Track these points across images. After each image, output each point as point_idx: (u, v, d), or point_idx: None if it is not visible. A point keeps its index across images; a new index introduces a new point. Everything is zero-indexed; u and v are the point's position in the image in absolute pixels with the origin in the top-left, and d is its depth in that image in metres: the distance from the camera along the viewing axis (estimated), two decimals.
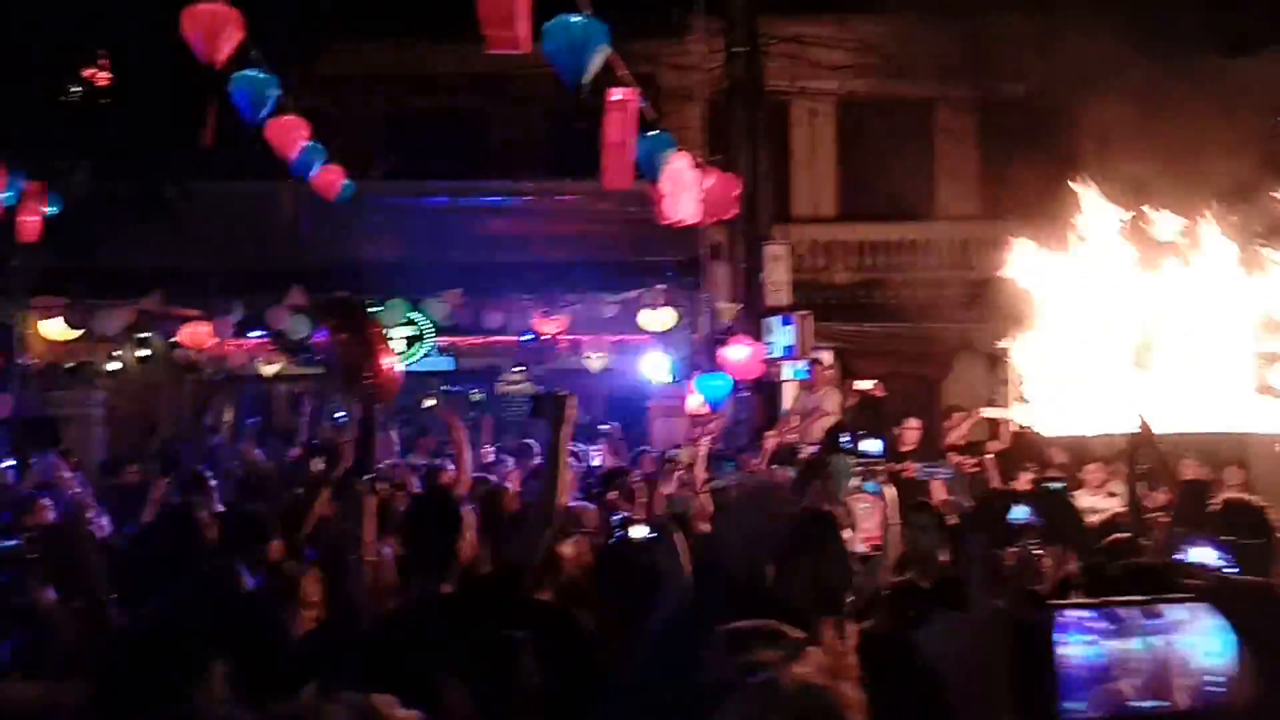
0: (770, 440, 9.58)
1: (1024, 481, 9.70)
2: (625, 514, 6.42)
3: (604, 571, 4.34)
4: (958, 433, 11.77)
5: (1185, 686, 2.33)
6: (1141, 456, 5.99)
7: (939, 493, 9.55)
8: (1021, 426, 11.18)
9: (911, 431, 11.00)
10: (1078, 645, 2.38)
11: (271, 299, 14.40)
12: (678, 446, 11.24)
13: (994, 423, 12.05)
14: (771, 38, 15.63)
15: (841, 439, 7.22)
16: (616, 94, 7.87)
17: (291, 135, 9.98)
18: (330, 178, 11.37)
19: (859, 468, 7.96)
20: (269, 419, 16.26)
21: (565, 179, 15.27)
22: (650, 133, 8.74)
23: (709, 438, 8.43)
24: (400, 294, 14.55)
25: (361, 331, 6.15)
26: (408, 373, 16.03)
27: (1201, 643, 2.34)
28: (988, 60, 16.03)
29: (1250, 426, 9.01)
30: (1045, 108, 16.82)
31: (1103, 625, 2.39)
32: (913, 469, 10.75)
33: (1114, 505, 8.79)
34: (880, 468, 9.24)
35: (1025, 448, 11.14)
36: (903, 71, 16.57)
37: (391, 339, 12.45)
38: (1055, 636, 2.38)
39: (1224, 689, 2.30)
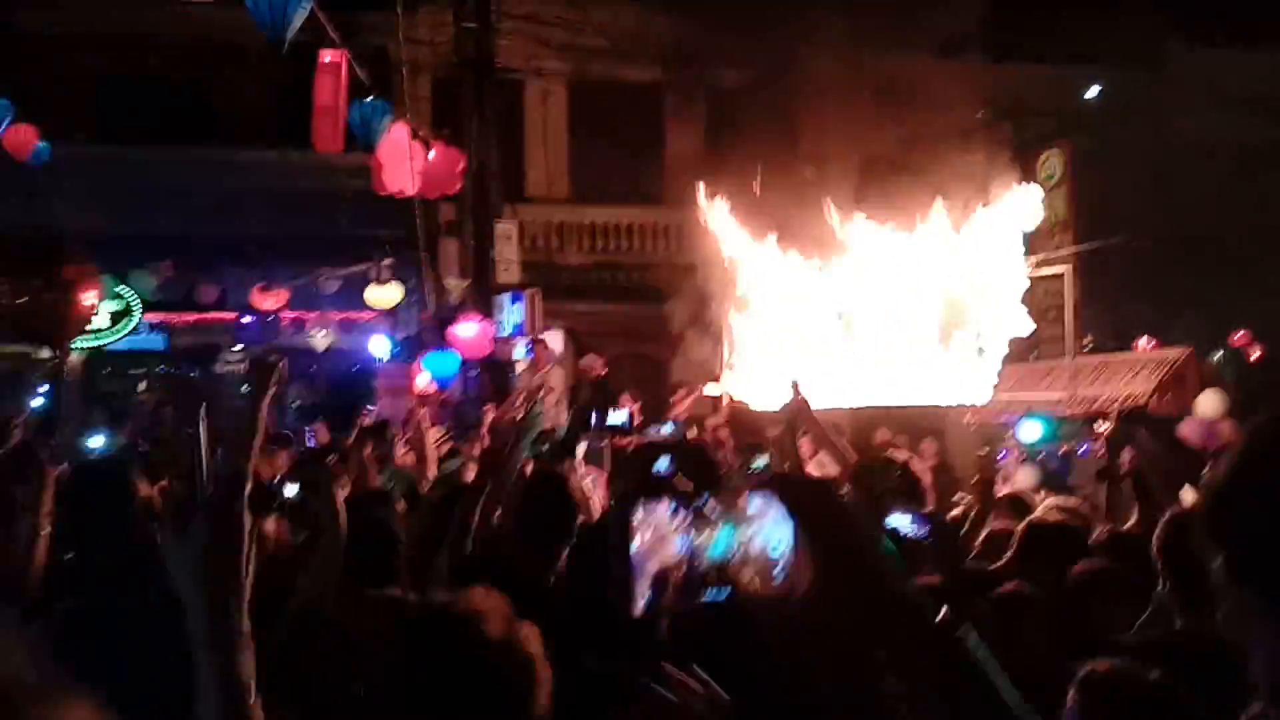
0: (489, 414, 9.56)
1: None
2: None
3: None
4: (680, 407, 12.12)
5: (752, 575, 2.28)
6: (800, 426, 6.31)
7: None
8: (735, 400, 11.65)
9: (630, 406, 11.23)
10: (650, 537, 2.34)
11: None
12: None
13: (715, 398, 12.48)
14: (505, 15, 15.57)
15: (592, 417, 7.31)
16: (327, 56, 7.64)
17: None
18: (22, 137, 10.57)
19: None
20: None
21: (287, 148, 14.73)
22: (366, 99, 8.54)
23: (426, 410, 8.32)
24: (106, 266, 13.65)
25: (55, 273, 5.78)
26: (118, 353, 15.24)
27: (769, 532, 2.26)
28: (714, 48, 16.57)
29: (943, 400, 9.69)
30: (768, 97, 17.55)
31: (677, 518, 2.35)
32: (633, 441, 11.02)
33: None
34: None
35: (741, 421, 11.60)
36: (634, 56, 16.89)
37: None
38: (628, 528, 2.34)
39: (785, 575, 2.36)
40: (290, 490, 4.48)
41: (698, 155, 18.05)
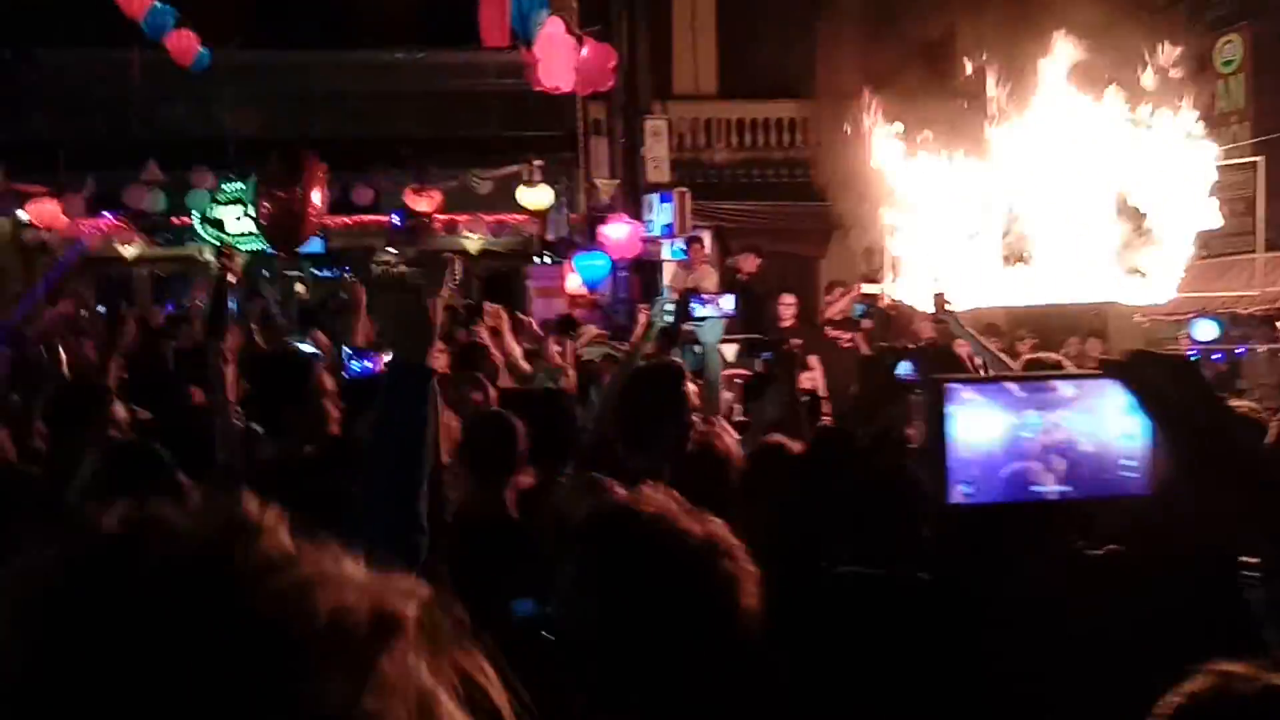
0: (643, 314, 9.50)
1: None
2: None
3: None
4: (836, 307, 11.87)
5: (1088, 470, 2.14)
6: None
7: (814, 367, 9.65)
8: (895, 301, 11.35)
9: (787, 307, 11.04)
10: (971, 425, 2.13)
11: (127, 174, 13.68)
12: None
13: (870, 297, 12.18)
14: None
15: (691, 304, 7.09)
16: None
17: None
18: (184, 43, 10.76)
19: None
20: (131, 304, 15.61)
21: (438, 48, 14.73)
22: None
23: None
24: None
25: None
26: (272, 255, 15.63)
27: (1111, 424, 2.11)
28: None
29: (1110, 297, 9.25)
30: None
31: (1000, 403, 2.15)
32: (791, 344, 10.83)
33: None
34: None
35: (897, 323, 11.31)
36: None
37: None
38: (945, 411, 2.13)
39: (1137, 475, 2.11)
40: None
41: (852, 46, 17.43)
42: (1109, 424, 2.12)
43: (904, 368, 5.49)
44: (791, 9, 17.30)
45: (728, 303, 5.40)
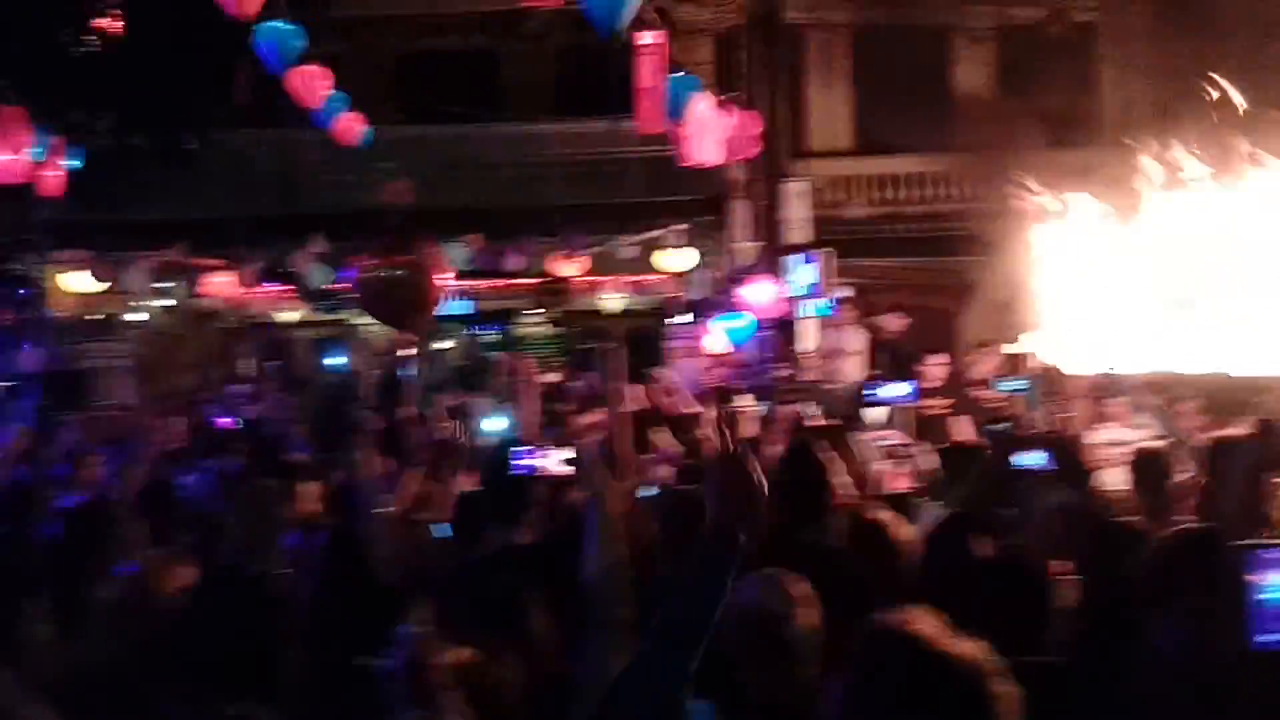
0: (782, 372, 9.69)
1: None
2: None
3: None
4: (981, 367, 11.82)
5: None
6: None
7: (964, 430, 9.65)
8: (1043, 363, 11.24)
9: (937, 368, 11.05)
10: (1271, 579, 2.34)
11: (293, 247, 14.46)
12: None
13: (1015, 357, 12.09)
14: None
15: (865, 393, 7.20)
16: (645, 37, 7.84)
17: (314, 84, 9.95)
18: (350, 124, 11.36)
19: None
20: (289, 366, 16.39)
21: (580, 118, 15.22)
22: (676, 74, 8.71)
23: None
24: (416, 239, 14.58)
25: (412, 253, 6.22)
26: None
27: None
28: None
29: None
30: (1063, 34, 16.66)
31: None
32: (938, 406, 10.86)
33: (1140, 436, 8.84)
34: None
35: (1052, 382, 11.19)
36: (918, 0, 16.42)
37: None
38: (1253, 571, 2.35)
39: None
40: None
41: (987, 99, 17.41)
42: None
43: (1033, 458, 5.28)
44: (926, 61, 17.37)
45: (900, 390, 5.47)
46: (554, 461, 4.67)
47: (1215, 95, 9.99)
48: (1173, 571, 3.40)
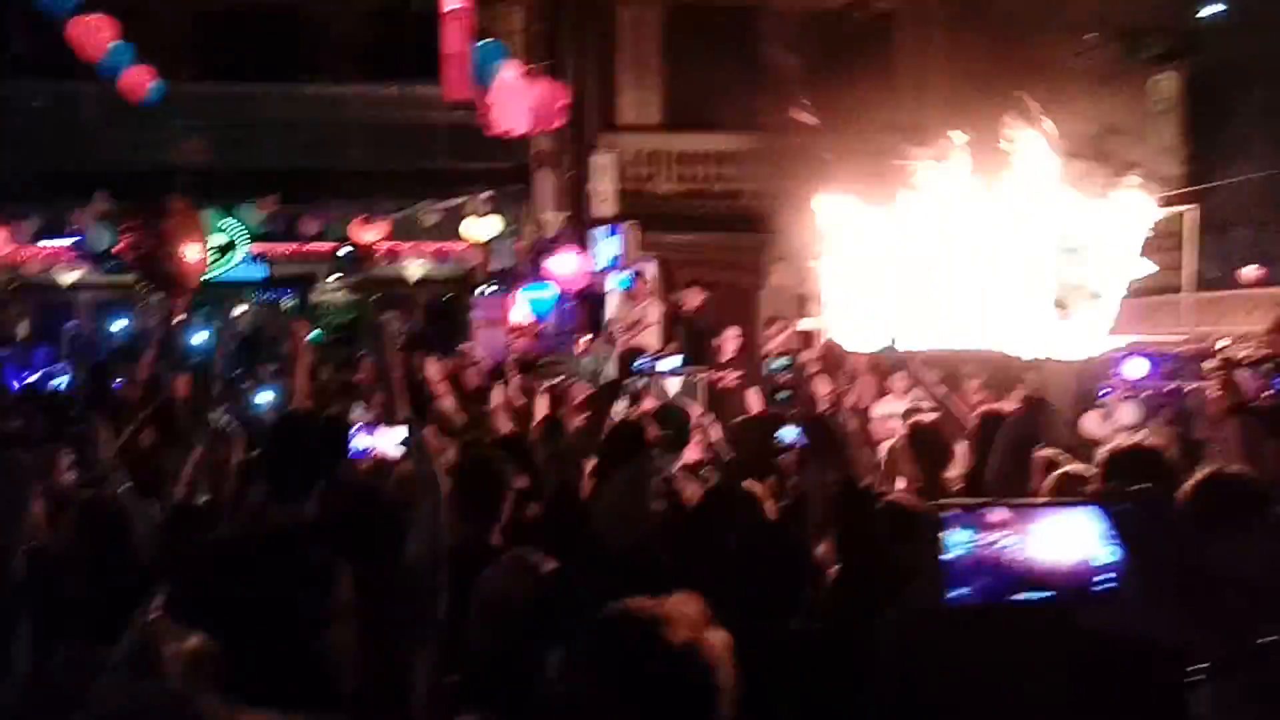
0: (581, 344, 9.74)
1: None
2: None
3: None
4: (774, 342, 12.13)
5: (1068, 583, 2.52)
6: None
7: (755, 403, 9.88)
8: (830, 340, 11.59)
9: (732, 341, 11.27)
10: (962, 539, 2.53)
11: (74, 205, 13.66)
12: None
13: (807, 333, 12.45)
14: None
15: (636, 362, 7.32)
16: (451, 3, 7.66)
17: (97, 35, 9.39)
18: (138, 78, 10.79)
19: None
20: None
21: (387, 82, 14.84)
22: (483, 41, 8.56)
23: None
24: (212, 200, 13.97)
25: (158, 221, 5.94)
26: (219, 282, 15.64)
27: (1088, 544, 2.50)
28: None
29: (1045, 351, 9.52)
30: (866, 21, 17.15)
31: (989, 522, 2.56)
32: (731, 377, 11.08)
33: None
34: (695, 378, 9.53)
35: (834, 358, 11.55)
36: None
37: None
38: (942, 530, 2.53)
39: (1105, 588, 2.49)
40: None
41: (794, 80, 17.77)
42: (1085, 543, 2.49)
43: (788, 433, 5.51)
44: (735, 40, 17.62)
45: (671, 362, 5.54)
46: (389, 443, 4.54)
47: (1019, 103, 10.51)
48: (894, 541, 3.55)
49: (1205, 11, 16.54)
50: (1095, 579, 2.49)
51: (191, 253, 7.22)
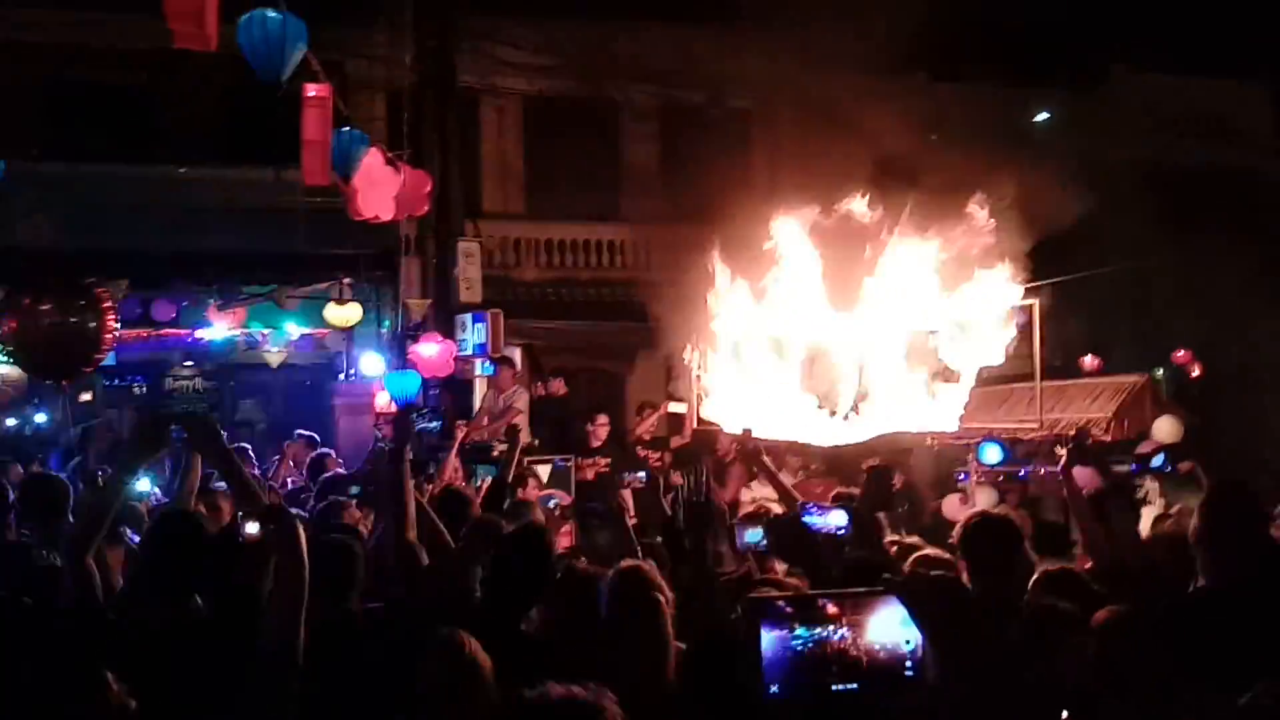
0: (460, 432, 9.69)
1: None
2: None
3: None
4: (645, 426, 12.24)
5: (877, 670, 2.62)
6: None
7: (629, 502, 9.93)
8: (701, 421, 11.78)
9: (602, 428, 11.35)
10: (776, 634, 2.63)
11: None
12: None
13: (677, 416, 12.60)
14: (464, 32, 15.58)
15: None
16: (312, 90, 7.62)
17: None
18: None
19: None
20: None
21: (243, 164, 14.60)
22: (344, 129, 8.53)
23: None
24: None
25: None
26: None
27: (893, 631, 2.62)
28: (670, 68, 16.71)
29: (911, 427, 9.90)
30: (721, 117, 17.70)
31: (801, 615, 2.65)
32: (600, 465, 11.12)
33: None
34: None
35: (704, 441, 11.73)
36: (590, 74, 16.99)
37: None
38: (758, 626, 2.63)
39: (911, 671, 2.62)
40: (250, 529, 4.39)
41: (653, 173, 18.21)
42: (893, 631, 2.64)
43: (752, 535, 5.54)
44: (595, 133, 17.98)
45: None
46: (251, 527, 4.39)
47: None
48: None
49: (1038, 117, 17.68)
50: (905, 665, 2.63)
51: (113, 323, 6.98)
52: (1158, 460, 6.45)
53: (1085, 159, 16.30)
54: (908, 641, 2.64)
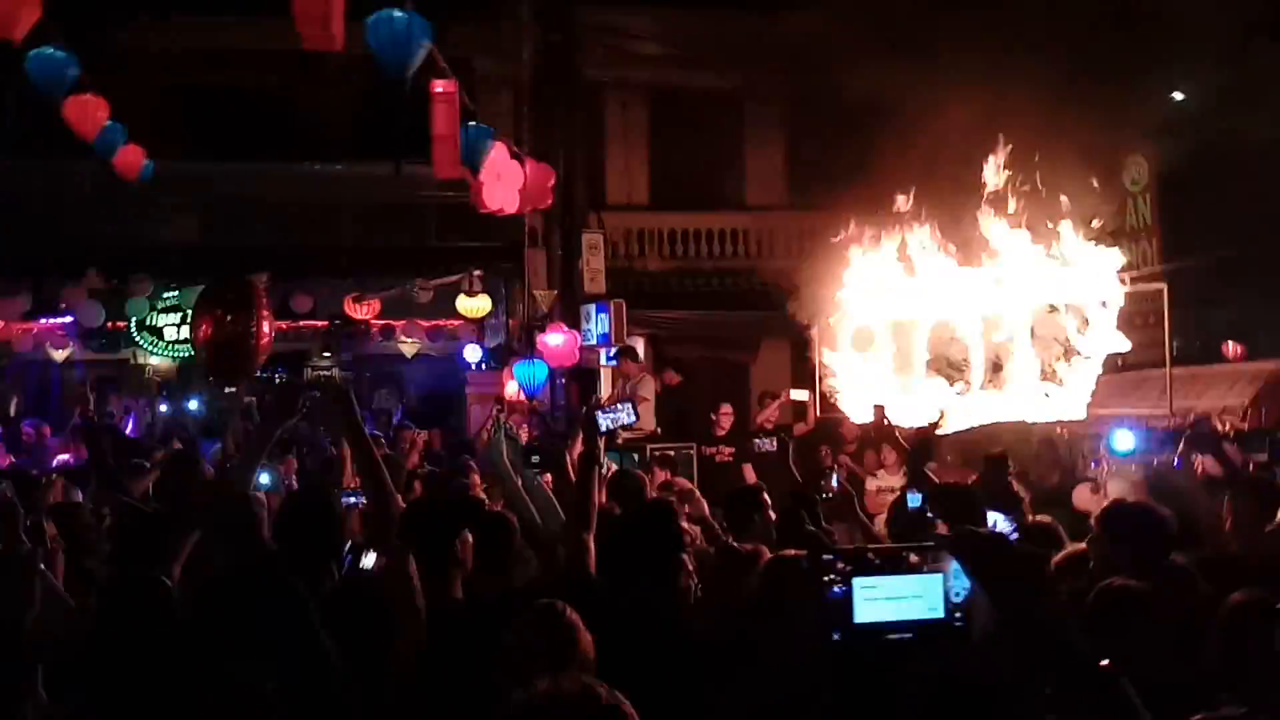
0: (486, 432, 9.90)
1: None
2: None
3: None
4: (766, 414, 12.26)
5: (929, 620, 2.84)
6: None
7: (749, 476, 10.00)
8: (826, 408, 11.78)
9: (725, 417, 11.43)
10: (838, 583, 2.87)
11: (65, 282, 13.75)
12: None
13: (800, 404, 12.60)
14: (586, 26, 15.79)
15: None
16: (439, 86, 7.86)
17: (91, 115, 9.55)
18: (131, 158, 10.92)
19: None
20: (60, 405, 15.51)
21: (376, 160, 15.06)
22: (470, 123, 8.77)
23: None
24: (204, 277, 14.06)
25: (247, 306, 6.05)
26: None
27: (946, 582, 2.84)
28: (795, 56, 16.62)
29: (1039, 415, 9.72)
30: (851, 105, 17.53)
31: (863, 566, 2.89)
32: (724, 453, 11.23)
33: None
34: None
35: (826, 430, 11.72)
36: (713, 64, 17.01)
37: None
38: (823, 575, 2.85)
39: (960, 622, 2.83)
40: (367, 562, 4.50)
41: (776, 162, 18.16)
42: (949, 584, 2.83)
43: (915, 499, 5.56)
44: (720, 123, 17.99)
45: (627, 414, 5.59)
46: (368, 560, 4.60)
47: None
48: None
49: (1174, 97, 17.05)
50: (955, 616, 2.82)
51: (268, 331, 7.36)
52: None
53: (1226, 137, 15.73)
54: (958, 594, 2.83)
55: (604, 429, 5.38)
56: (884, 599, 2.82)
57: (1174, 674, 2.86)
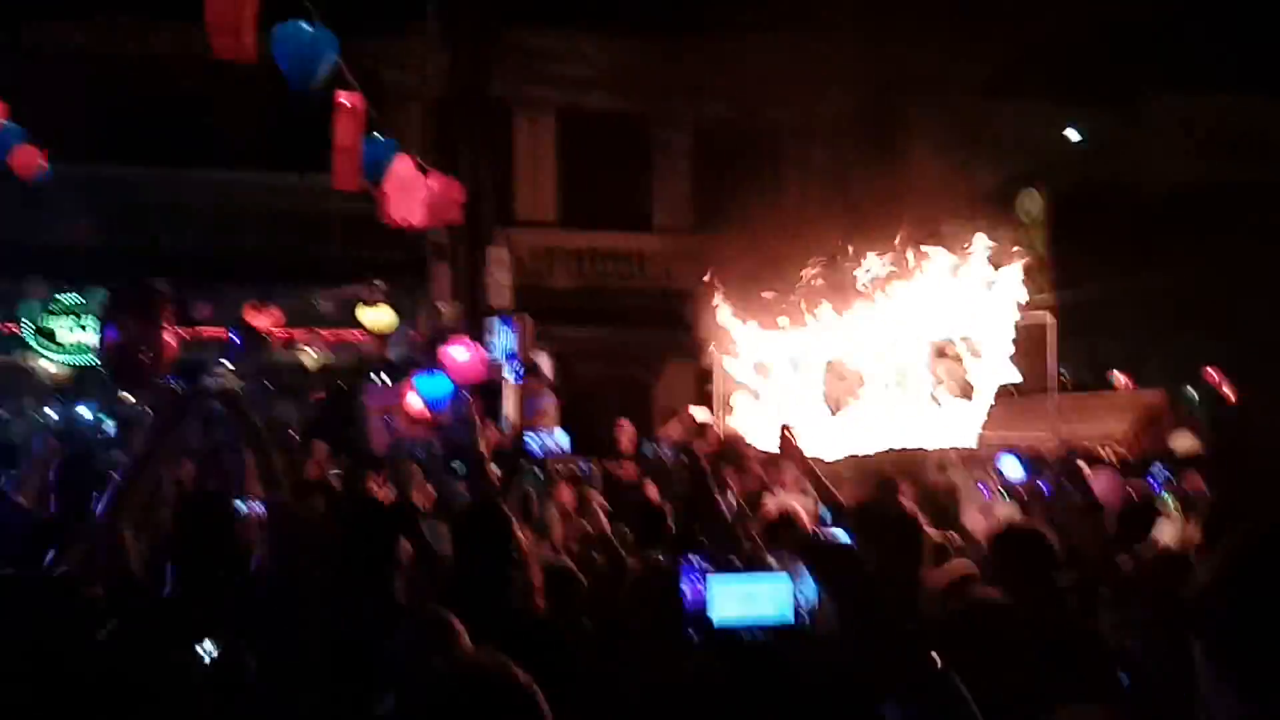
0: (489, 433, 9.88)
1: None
2: None
3: None
4: (665, 430, 12.37)
5: (782, 615, 3.14)
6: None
7: (652, 493, 10.07)
8: (727, 429, 11.89)
9: (624, 432, 11.51)
10: (694, 586, 3.16)
11: None
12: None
13: (702, 424, 12.71)
14: (497, 44, 15.84)
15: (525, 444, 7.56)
16: (344, 98, 7.84)
17: None
18: (27, 159, 10.69)
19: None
20: None
21: (284, 169, 14.90)
22: (375, 134, 8.75)
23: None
24: (100, 282, 13.77)
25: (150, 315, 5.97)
26: (92, 368, 15.33)
27: (796, 586, 3.14)
28: (701, 82, 16.87)
29: (930, 443, 9.95)
30: (753, 132, 17.83)
31: (716, 568, 3.20)
32: (626, 470, 11.29)
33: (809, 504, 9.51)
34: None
35: (729, 450, 11.82)
36: (621, 88, 17.18)
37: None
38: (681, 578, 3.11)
39: (809, 619, 3.13)
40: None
41: (683, 185, 18.37)
42: (798, 587, 3.18)
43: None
44: (627, 145, 18.14)
45: (562, 440, 5.70)
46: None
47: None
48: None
49: (1070, 135, 17.67)
50: (803, 616, 3.11)
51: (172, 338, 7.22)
52: (1158, 473, 6.51)
53: (1119, 177, 16.35)
54: (804, 594, 3.16)
55: (537, 453, 5.53)
56: (739, 599, 3.09)
57: (1024, 685, 2.98)
